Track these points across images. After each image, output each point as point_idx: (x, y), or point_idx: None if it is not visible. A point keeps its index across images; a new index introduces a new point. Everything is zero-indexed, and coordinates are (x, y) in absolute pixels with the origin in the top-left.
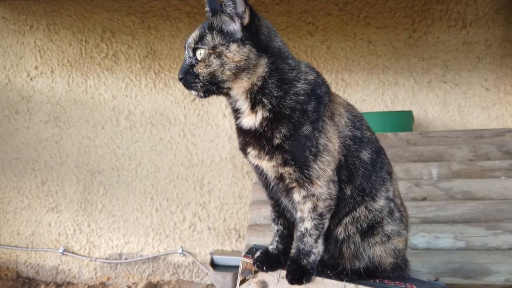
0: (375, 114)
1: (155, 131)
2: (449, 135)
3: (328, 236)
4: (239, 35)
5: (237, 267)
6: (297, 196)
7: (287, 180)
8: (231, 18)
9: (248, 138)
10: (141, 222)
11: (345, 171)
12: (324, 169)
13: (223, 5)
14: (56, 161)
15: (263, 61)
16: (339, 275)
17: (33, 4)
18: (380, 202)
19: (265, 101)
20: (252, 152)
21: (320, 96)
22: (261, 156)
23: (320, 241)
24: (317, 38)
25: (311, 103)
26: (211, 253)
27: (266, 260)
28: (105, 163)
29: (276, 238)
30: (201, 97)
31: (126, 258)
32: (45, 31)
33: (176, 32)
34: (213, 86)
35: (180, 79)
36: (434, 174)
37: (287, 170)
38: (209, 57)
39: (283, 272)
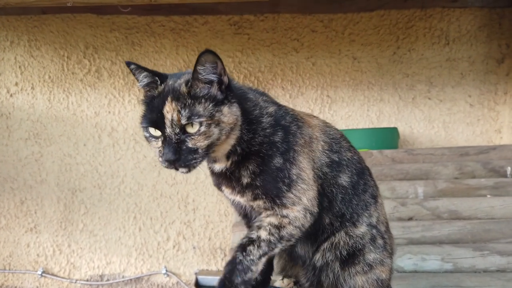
0: (360, 131)
1: (138, 148)
2: (435, 153)
3: (307, 263)
4: (221, 96)
5: None
6: (265, 212)
7: (260, 211)
8: (209, 82)
9: (221, 179)
10: (124, 242)
11: (324, 198)
12: (300, 197)
13: (197, 73)
14: (36, 180)
15: (238, 109)
16: None
17: (14, 20)
18: (362, 228)
19: (239, 149)
20: (225, 189)
21: (286, 126)
22: (234, 193)
23: (263, 261)
24: (302, 55)
25: (277, 134)
26: (195, 273)
27: None
28: (86, 181)
29: None
30: (188, 172)
31: (107, 280)
32: (26, 46)
33: (161, 48)
34: (206, 156)
35: (173, 162)
36: (420, 193)
37: (257, 204)
38: (209, 128)
39: None
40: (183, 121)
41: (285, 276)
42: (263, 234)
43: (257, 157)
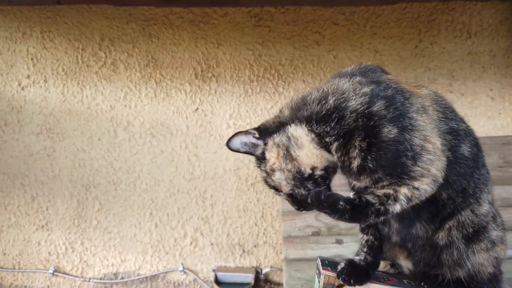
0: None
1: (155, 143)
2: None
3: (419, 243)
4: None
5: (242, 284)
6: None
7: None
8: None
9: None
10: (139, 239)
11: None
12: (428, 169)
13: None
14: (48, 175)
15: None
16: (434, 287)
17: (26, 11)
18: (485, 206)
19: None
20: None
21: (388, 97)
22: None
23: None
24: (323, 48)
25: (376, 104)
26: (213, 270)
27: (352, 273)
28: (101, 177)
29: (365, 249)
30: None
31: (122, 278)
32: (39, 38)
33: (179, 41)
34: None
35: None
36: None
37: (381, 185)
38: None
39: (373, 286)
40: None
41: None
42: (397, 207)
43: (360, 131)
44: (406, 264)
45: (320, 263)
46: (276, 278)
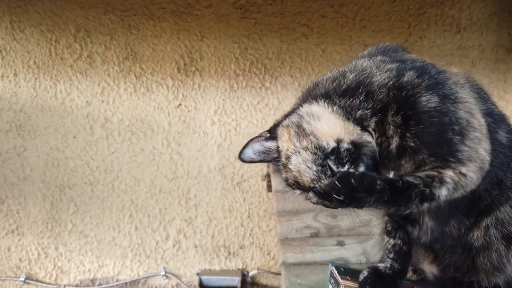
0: None
1: (135, 140)
2: None
3: (448, 244)
4: None
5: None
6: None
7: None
8: None
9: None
10: (118, 243)
11: None
12: (476, 149)
13: None
14: (18, 176)
15: None
16: None
17: None
18: None
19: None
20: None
21: (419, 67)
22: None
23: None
24: (312, 41)
25: (406, 74)
26: (197, 274)
27: (378, 283)
28: (76, 177)
29: (391, 255)
30: None
31: (100, 284)
32: (8, 29)
33: (160, 33)
34: None
35: None
36: None
37: (423, 169)
38: None
39: None
40: None
41: None
42: (443, 191)
43: (392, 105)
44: (430, 270)
45: (336, 271)
46: (263, 281)
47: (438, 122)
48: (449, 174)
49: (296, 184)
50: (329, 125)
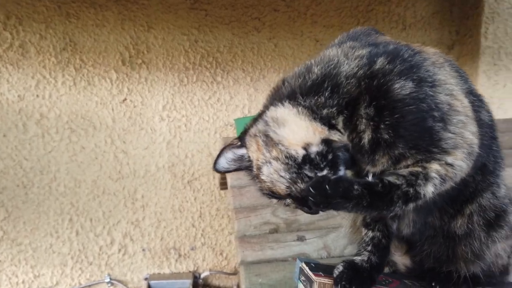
0: None
1: (75, 138)
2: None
3: (427, 235)
4: None
5: None
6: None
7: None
8: None
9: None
10: (56, 250)
11: None
12: (462, 134)
13: None
14: None
15: None
16: (448, 287)
17: None
18: (502, 187)
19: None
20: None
21: (393, 49)
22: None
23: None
24: (264, 35)
25: (378, 61)
26: (146, 279)
27: (355, 278)
28: (7, 180)
29: (369, 248)
30: None
31: None
32: None
33: (103, 22)
34: None
35: None
36: None
37: (404, 165)
38: None
39: None
40: None
41: None
42: (429, 188)
43: (364, 96)
44: (403, 261)
45: (307, 268)
46: (215, 282)
47: (415, 110)
48: (434, 168)
49: (271, 194)
50: (295, 131)
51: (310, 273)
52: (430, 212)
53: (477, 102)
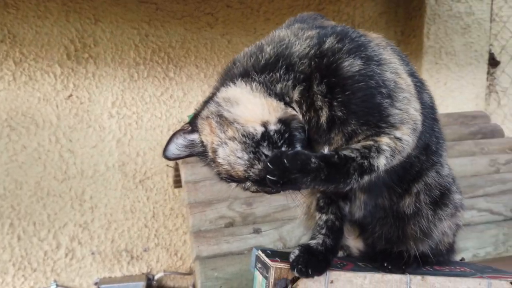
0: None
1: (15, 137)
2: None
3: (377, 217)
4: None
5: None
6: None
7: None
8: None
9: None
10: None
11: None
12: (407, 110)
13: None
14: None
15: None
16: (399, 266)
17: None
18: (446, 166)
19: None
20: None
21: (341, 30)
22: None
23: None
24: (217, 31)
25: (327, 41)
26: (96, 283)
27: (310, 261)
28: None
29: (323, 231)
30: None
31: None
32: None
33: (45, 13)
34: None
35: None
36: None
37: (356, 140)
38: None
39: (333, 274)
40: None
41: None
42: (382, 161)
43: (315, 74)
44: (356, 245)
45: (263, 255)
46: (170, 283)
47: (365, 87)
48: (384, 141)
49: (230, 177)
50: (251, 108)
51: (267, 260)
52: (380, 193)
53: (418, 84)
